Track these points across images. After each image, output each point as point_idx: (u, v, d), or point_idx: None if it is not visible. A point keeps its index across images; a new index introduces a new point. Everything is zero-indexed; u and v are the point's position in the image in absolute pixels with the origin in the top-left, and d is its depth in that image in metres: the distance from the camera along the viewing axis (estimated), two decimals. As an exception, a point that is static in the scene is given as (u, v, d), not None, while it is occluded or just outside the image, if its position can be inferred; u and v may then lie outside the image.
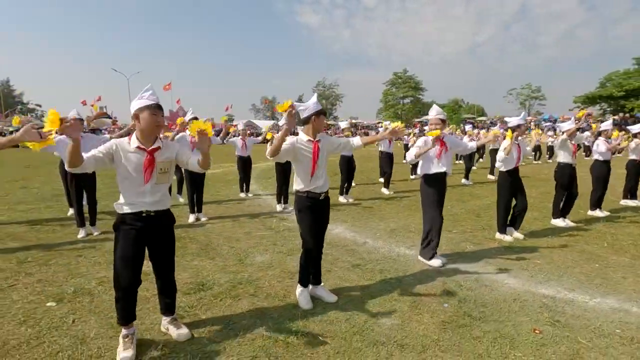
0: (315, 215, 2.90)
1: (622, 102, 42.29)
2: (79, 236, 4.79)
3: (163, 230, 2.42)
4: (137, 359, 2.24)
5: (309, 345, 2.39)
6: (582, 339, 2.45)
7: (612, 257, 4.08)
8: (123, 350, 2.24)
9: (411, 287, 3.28)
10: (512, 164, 4.51)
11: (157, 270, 2.49)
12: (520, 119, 4.67)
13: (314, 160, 2.84)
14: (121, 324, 2.33)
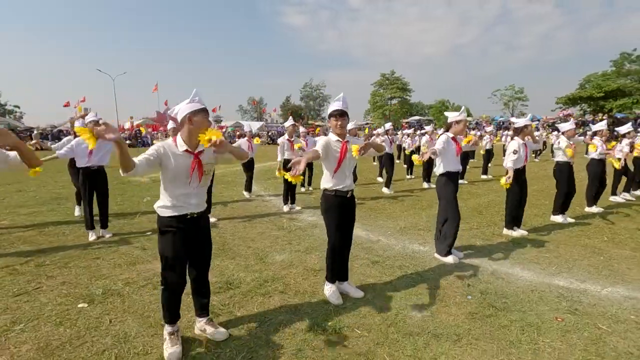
0: (341, 213, 3.00)
1: (601, 103, 43.85)
2: (90, 239, 4.75)
3: (204, 231, 2.48)
4: (183, 355, 2.30)
5: (348, 338, 2.49)
6: (601, 325, 2.62)
7: (614, 250, 4.31)
8: (171, 346, 2.29)
9: (432, 281, 3.42)
10: (521, 163, 4.71)
11: (195, 270, 2.52)
12: (526, 120, 4.88)
13: (340, 159, 2.94)
14: (168, 322, 2.38)
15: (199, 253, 2.50)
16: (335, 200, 2.98)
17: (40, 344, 2.43)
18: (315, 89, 74.43)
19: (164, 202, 2.33)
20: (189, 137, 2.29)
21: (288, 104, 71.88)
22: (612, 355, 2.28)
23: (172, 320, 2.38)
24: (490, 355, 2.29)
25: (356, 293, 3.14)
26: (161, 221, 2.34)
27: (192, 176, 2.30)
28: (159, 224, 2.36)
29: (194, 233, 2.40)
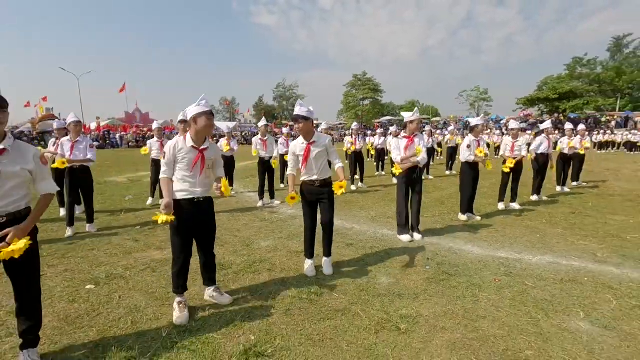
0: (310, 198, 3.51)
1: (556, 104, 47.06)
2: (67, 235, 4.89)
3: (209, 213, 2.90)
4: (191, 318, 2.73)
5: (328, 299, 3.01)
6: (528, 283, 3.30)
7: (549, 229, 5.11)
8: (179, 313, 2.71)
9: (398, 257, 4.01)
10: (472, 157, 5.43)
11: (202, 247, 2.95)
12: (479, 120, 5.62)
13: (304, 157, 3.45)
14: (177, 292, 2.80)
15: (205, 232, 2.92)
16: (306, 188, 3.50)
17: (60, 316, 2.78)
18: (288, 89, 74.48)
19: (176, 188, 2.74)
20: (195, 135, 2.72)
21: (261, 104, 71.55)
22: (532, 302, 2.94)
23: (181, 290, 2.81)
24: (440, 306, 2.88)
25: (327, 270, 3.61)
26: (176, 205, 2.74)
27: (194, 167, 2.73)
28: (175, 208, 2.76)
29: (200, 215, 2.82)
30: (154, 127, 7.36)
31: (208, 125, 2.71)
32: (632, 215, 5.87)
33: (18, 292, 2.13)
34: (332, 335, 2.50)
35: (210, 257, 3.02)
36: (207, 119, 2.70)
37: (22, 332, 2.17)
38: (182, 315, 2.69)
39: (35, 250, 2.17)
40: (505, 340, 2.41)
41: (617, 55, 54.33)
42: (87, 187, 5.18)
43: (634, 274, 3.48)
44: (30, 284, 2.18)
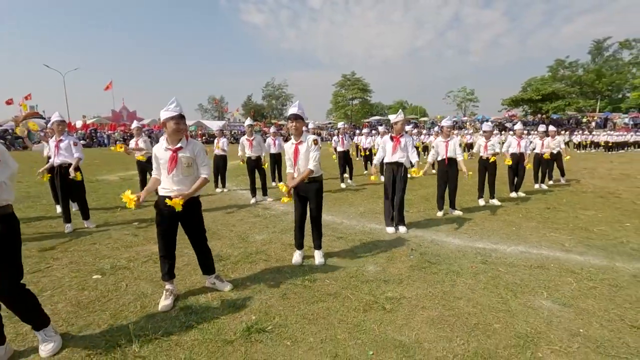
0: (299, 194, 3.78)
1: (539, 105, 48.39)
2: (66, 231, 5.06)
3: (192, 210, 3.05)
4: (193, 304, 2.98)
5: (321, 285, 3.30)
6: (501, 269, 3.65)
7: (525, 223, 5.50)
8: (164, 300, 2.92)
9: (385, 248, 4.32)
10: (441, 156, 5.84)
11: (192, 240, 3.18)
12: (447, 121, 6.06)
13: (294, 157, 3.73)
14: (164, 280, 3.02)
15: (191, 227, 3.13)
16: (297, 185, 3.75)
17: (72, 302, 3.00)
18: (277, 89, 74.41)
19: (160, 186, 2.98)
20: (168, 137, 2.93)
21: (250, 103, 71.32)
22: (503, 285, 3.28)
23: (167, 277, 3.01)
24: (422, 289, 3.20)
25: (318, 260, 3.89)
26: (157, 199, 2.97)
27: (169, 167, 2.92)
28: (155, 202, 3.00)
29: (183, 212, 2.91)
30: (132, 126, 7.54)
31: (176, 130, 2.86)
32: (601, 210, 6.33)
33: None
34: (324, 314, 2.79)
35: (203, 250, 3.21)
36: (175, 123, 2.84)
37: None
38: (164, 302, 2.90)
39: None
40: (477, 317, 2.74)
41: (597, 58, 56.16)
42: (75, 185, 5.26)
43: (594, 261, 3.87)
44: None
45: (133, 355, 2.28)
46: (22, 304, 2.25)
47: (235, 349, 2.34)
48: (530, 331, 2.53)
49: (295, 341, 2.43)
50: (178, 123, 2.87)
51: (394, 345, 2.38)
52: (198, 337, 2.49)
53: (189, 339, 2.47)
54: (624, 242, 4.54)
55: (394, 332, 2.54)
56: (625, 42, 52.67)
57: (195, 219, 3.15)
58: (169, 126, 2.86)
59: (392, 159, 4.95)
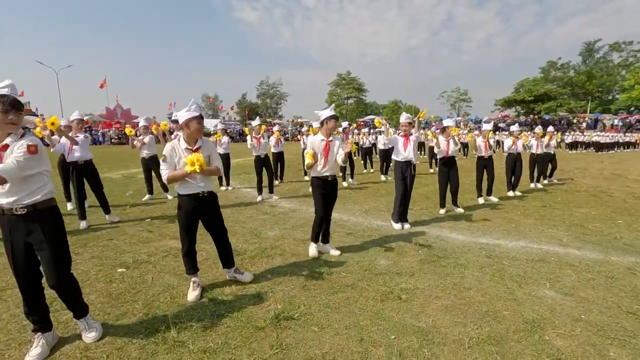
0: (323, 192, 3.98)
1: (532, 106, 49.16)
2: (81, 227, 5.19)
3: (214, 206, 3.23)
4: (219, 295, 3.15)
5: (337, 277, 3.49)
6: (504, 262, 3.88)
7: (523, 220, 5.76)
8: (192, 291, 3.09)
9: (393, 243, 4.52)
10: (442, 154, 6.06)
11: (214, 234, 3.33)
12: (449, 122, 6.26)
13: (325, 154, 3.91)
14: (189, 273, 3.19)
15: (213, 224, 3.28)
16: (320, 183, 3.95)
17: (103, 293, 3.15)
18: (271, 87, 74.29)
19: (181, 186, 3.07)
20: (188, 137, 3.06)
21: (244, 102, 70.99)
22: (508, 276, 3.51)
23: (192, 271, 3.18)
24: (433, 281, 3.41)
25: (334, 252, 4.09)
26: (178, 199, 3.11)
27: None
28: (178, 201, 3.12)
29: (204, 208, 3.13)
30: (140, 124, 7.64)
31: (198, 129, 3.01)
32: (594, 208, 6.62)
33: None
34: (345, 303, 2.98)
35: (224, 244, 3.37)
36: (198, 123, 2.99)
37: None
38: (193, 293, 3.07)
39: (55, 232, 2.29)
40: (487, 305, 2.95)
41: (588, 60, 57.17)
42: (94, 180, 5.45)
43: (591, 255, 4.13)
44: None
45: (173, 340, 2.45)
46: (71, 292, 2.42)
47: (267, 335, 2.52)
48: (536, 317, 2.75)
49: (321, 327, 2.62)
50: (200, 123, 3.01)
51: (413, 330, 2.58)
52: (230, 324, 2.66)
53: (222, 326, 2.64)
54: (617, 237, 4.81)
55: (412, 319, 2.75)
56: (615, 45, 53.75)
57: (217, 213, 3.29)
58: (192, 126, 2.97)
59: (404, 157, 5.14)
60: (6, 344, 2.41)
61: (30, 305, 2.28)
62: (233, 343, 2.43)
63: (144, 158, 7.25)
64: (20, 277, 2.25)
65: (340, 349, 2.37)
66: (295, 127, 50.52)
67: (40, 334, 2.30)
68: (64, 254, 2.35)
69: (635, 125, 41.72)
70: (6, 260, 3.50)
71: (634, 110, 47.22)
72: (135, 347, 2.38)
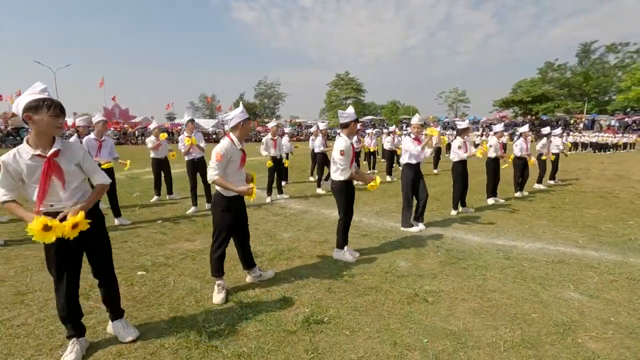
0: (352, 196, 3.99)
1: (530, 106, 49.39)
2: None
3: (245, 207, 3.33)
4: (243, 298, 3.12)
5: (360, 280, 3.48)
6: (524, 264, 3.88)
7: (535, 221, 5.77)
8: (218, 294, 3.07)
9: (410, 245, 4.52)
10: (464, 157, 6.05)
11: (241, 236, 3.35)
12: (467, 124, 6.25)
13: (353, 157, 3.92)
14: (217, 276, 3.17)
15: (244, 223, 3.33)
16: (349, 186, 3.95)
17: (127, 297, 3.11)
18: (269, 87, 74.26)
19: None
20: (240, 138, 3.11)
21: (242, 102, 70.76)
22: (530, 278, 3.51)
23: (219, 274, 3.17)
24: (457, 283, 3.41)
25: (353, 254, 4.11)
26: (226, 200, 3.11)
27: (241, 164, 3.13)
28: (222, 204, 3.12)
29: (241, 209, 3.25)
30: (151, 126, 7.62)
31: (249, 129, 3.18)
32: (603, 209, 6.65)
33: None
34: (372, 306, 2.97)
35: (248, 246, 3.42)
36: (249, 124, 3.16)
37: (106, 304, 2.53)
38: (219, 296, 3.06)
39: (105, 232, 2.42)
40: (514, 307, 2.95)
41: (584, 61, 57.59)
42: (112, 183, 5.44)
43: (609, 256, 4.14)
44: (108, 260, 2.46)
45: (205, 345, 2.42)
46: (115, 290, 2.52)
47: (300, 339, 2.50)
48: (566, 320, 2.75)
49: (353, 331, 2.61)
50: (250, 124, 3.15)
51: (445, 334, 2.57)
52: (260, 328, 2.64)
53: (252, 329, 2.62)
54: (632, 239, 4.83)
55: (442, 321, 2.74)
56: (612, 46, 54.20)
57: (246, 214, 3.38)
58: (246, 127, 3.11)
59: (415, 159, 5.14)
60: (37, 349, 2.38)
61: (70, 308, 2.26)
62: (266, 347, 2.40)
63: (157, 159, 7.18)
64: (68, 280, 2.23)
65: (375, 353, 2.35)
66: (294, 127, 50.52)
67: (75, 339, 2.27)
68: (111, 253, 2.48)
69: (632, 126, 42.09)
70: (24, 264, 3.49)
71: (630, 111, 47.62)
72: (168, 352, 2.35)
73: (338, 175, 3.91)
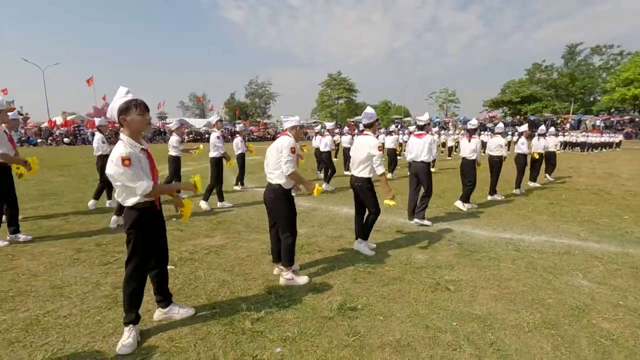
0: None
1: (518, 107, 50.45)
2: (111, 224, 5.23)
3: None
4: (277, 288, 3.28)
5: (382, 271, 3.66)
6: (533, 255, 4.12)
7: (536, 216, 6.05)
8: (302, 276, 3.41)
9: (424, 239, 4.72)
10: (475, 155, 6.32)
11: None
12: (476, 124, 6.49)
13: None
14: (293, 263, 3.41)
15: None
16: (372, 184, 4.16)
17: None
18: (260, 87, 73.98)
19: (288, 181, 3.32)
20: (296, 137, 3.39)
21: (233, 101, 70.43)
22: (541, 268, 3.75)
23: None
24: (474, 273, 3.62)
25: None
26: (287, 193, 3.39)
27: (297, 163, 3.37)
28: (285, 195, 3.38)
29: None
30: (173, 127, 7.69)
31: (301, 134, 3.35)
32: (598, 205, 6.98)
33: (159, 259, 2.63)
34: (399, 295, 3.15)
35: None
36: (301, 128, 3.34)
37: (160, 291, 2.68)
38: (304, 277, 3.41)
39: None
40: (530, 294, 3.17)
41: (570, 63, 58.97)
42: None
43: (610, 248, 4.42)
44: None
45: (251, 331, 2.57)
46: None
47: (338, 324, 2.67)
48: (579, 304, 2.98)
49: (386, 316, 2.79)
50: (301, 129, 3.40)
51: (471, 318, 2.77)
52: (298, 315, 2.80)
53: (291, 316, 2.78)
54: (628, 232, 5.13)
55: (466, 307, 2.94)
56: (596, 48, 55.68)
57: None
58: (299, 132, 3.52)
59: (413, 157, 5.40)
60: (90, 337, 2.49)
61: (142, 294, 2.48)
62: (309, 332, 2.57)
63: (178, 157, 7.29)
64: (147, 267, 2.53)
65: (411, 335, 2.54)
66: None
67: (132, 326, 2.40)
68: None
69: (615, 126, 43.36)
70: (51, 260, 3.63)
71: (615, 112, 49.04)
72: (217, 337, 2.50)
73: (368, 173, 4.10)
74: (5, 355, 2.28)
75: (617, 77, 43.78)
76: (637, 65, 33.68)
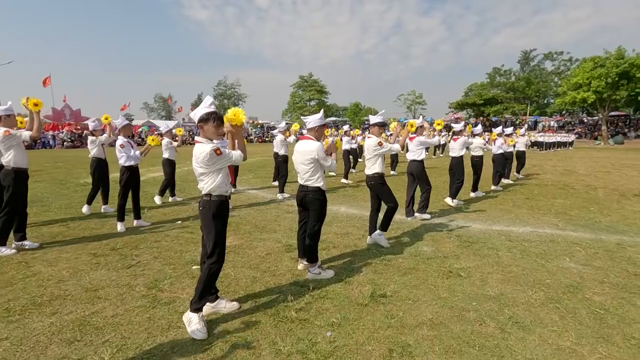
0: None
1: (481, 109, 53.23)
2: (119, 230, 5.25)
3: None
4: (303, 281, 3.52)
5: (397, 262, 4.00)
6: (525, 244, 4.63)
7: (517, 210, 6.67)
8: (329, 270, 3.65)
9: (424, 233, 5.12)
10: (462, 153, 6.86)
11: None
12: (461, 126, 7.05)
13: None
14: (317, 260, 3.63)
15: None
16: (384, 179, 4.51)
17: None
18: (229, 88, 72.91)
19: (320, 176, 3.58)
20: (316, 138, 3.57)
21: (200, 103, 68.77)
22: (534, 254, 4.24)
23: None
24: (477, 261, 4.04)
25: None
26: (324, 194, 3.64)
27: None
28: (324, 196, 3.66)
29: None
30: (163, 129, 7.66)
31: (323, 133, 3.66)
32: (567, 199, 7.77)
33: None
34: (418, 282, 3.49)
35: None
36: (323, 127, 3.65)
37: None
38: (331, 271, 3.67)
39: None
40: (530, 276, 3.62)
41: (525, 67, 62.99)
42: (138, 185, 5.53)
43: (586, 235, 5.04)
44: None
45: (297, 319, 2.80)
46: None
47: (374, 309, 2.96)
48: (572, 282, 3.47)
49: (414, 301, 3.11)
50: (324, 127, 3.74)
51: (487, 298, 3.16)
52: (335, 304, 3.06)
53: (329, 305, 3.03)
54: (597, 221, 5.82)
55: (480, 289, 3.33)
56: (548, 54, 59.97)
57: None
58: (321, 130, 3.64)
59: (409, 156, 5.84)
60: (148, 332, 2.61)
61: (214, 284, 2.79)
62: (351, 317, 2.84)
63: (172, 160, 7.26)
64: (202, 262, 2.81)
65: (441, 315, 2.88)
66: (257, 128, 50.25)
67: (201, 314, 2.59)
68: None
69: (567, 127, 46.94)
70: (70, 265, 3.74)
71: (566, 113, 53.02)
72: (269, 325, 2.71)
73: (378, 167, 4.44)
74: (72, 353, 2.37)
75: (568, 81, 47.30)
76: (585, 71, 36.60)
